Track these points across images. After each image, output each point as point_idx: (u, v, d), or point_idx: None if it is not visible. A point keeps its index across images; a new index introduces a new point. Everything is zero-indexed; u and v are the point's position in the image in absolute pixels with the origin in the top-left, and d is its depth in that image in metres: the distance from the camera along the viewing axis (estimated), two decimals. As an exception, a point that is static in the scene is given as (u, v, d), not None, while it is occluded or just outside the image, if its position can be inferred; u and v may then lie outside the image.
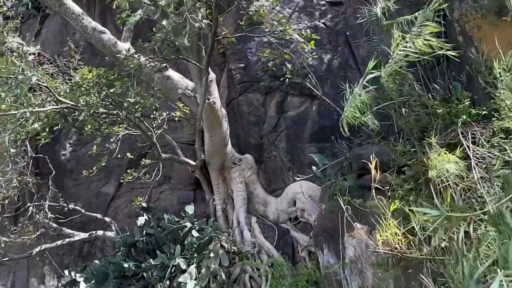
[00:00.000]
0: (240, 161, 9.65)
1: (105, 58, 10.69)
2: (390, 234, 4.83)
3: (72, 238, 9.44)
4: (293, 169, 9.28)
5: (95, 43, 8.80)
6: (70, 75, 9.81)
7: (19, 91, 6.01)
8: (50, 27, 12.42)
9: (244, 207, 9.36)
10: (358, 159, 7.00)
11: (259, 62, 9.63)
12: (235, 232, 9.13)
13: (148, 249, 8.66)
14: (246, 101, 9.76)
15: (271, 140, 9.55)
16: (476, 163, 5.07)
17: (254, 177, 9.73)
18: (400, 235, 4.84)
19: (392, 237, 4.84)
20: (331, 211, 6.98)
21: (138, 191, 10.84)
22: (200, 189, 10.82)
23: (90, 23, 8.76)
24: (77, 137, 10.70)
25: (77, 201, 10.33)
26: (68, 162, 10.70)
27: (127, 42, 9.20)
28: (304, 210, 8.60)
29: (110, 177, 10.86)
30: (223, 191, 9.74)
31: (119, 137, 9.37)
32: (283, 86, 9.44)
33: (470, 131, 5.68)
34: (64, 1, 8.70)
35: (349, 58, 9.60)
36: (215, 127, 8.88)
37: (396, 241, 4.83)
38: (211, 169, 9.77)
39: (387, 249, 4.93)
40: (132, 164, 10.63)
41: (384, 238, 4.87)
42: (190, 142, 10.95)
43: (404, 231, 4.90)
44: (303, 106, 9.47)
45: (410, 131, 6.84)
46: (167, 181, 11.08)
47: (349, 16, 10.02)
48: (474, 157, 5.20)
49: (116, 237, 9.45)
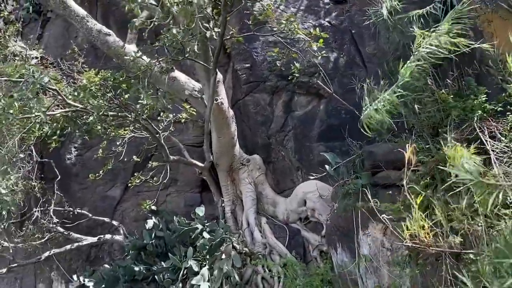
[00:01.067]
0: (248, 161, 9.59)
1: (109, 61, 10.65)
2: (418, 227, 4.77)
3: (80, 243, 9.35)
4: (301, 168, 9.23)
5: (101, 46, 8.76)
6: (74, 78, 9.75)
7: (30, 94, 5.95)
8: (51, 30, 12.34)
9: (253, 208, 9.30)
10: (370, 157, 6.96)
11: (265, 62, 9.59)
12: (245, 233, 9.06)
13: (157, 252, 8.60)
14: (252, 101, 9.71)
15: (279, 140, 9.50)
16: (496, 158, 5.02)
17: (263, 178, 9.67)
18: (427, 228, 4.78)
19: (419, 230, 4.77)
20: (345, 209, 6.94)
21: (144, 194, 10.73)
22: (207, 191, 10.74)
23: (95, 26, 8.73)
24: (82, 141, 10.59)
25: (83, 205, 10.23)
26: (73, 166, 10.59)
27: (133, 44, 9.16)
28: (315, 210, 8.56)
29: (116, 180, 10.75)
30: (231, 192, 9.68)
31: (125, 139, 9.29)
32: (290, 85, 9.40)
33: (487, 126, 5.63)
34: (68, 3, 8.68)
35: (356, 56, 9.57)
36: (223, 128, 8.82)
37: (423, 234, 4.77)
38: (219, 171, 9.71)
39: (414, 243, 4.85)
40: (138, 167, 10.54)
41: (412, 231, 4.79)
42: (195, 144, 10.89)
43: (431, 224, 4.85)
44: (310, 105, 9.44)
45: (423, 127, 6.80)
46: (173, 184, 10.98)
47: (354, 14, 10.00)
48: (493, 152, 5.15)
49: (124, 240, 9.37)
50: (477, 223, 4.63)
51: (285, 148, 9.46)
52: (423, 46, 6.09)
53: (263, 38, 9.67)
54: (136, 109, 7.51)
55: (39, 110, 6.08)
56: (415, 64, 6.29)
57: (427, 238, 4.71)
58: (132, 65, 8.27)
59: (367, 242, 6.72)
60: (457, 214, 4.80)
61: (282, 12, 9.94)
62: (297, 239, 8.85)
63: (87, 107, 7.11)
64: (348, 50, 9.60)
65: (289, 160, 9.43)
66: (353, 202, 6.72)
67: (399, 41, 7.75)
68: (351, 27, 9.84)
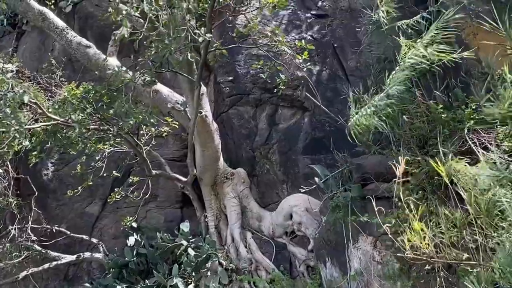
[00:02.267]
0: (232, 175, 9.44)
1: (86, 74, 10.44)
2: (418, 239, 4.71)
3: (59, 261, 9.03)
4: (287, 182, 9.15)
5: (81, 58, 8.56)
6: (52, 92, 9.50)
7: (8, 110, 5.70)
8: (27, 44, 12.08)
9: (238, 223, 9.13)
10: (359, 170, 6.91)
11: (248, 75, 9.53)
12: (230, 249, 8.87)
13: (139, 269, 8.37)
14: (236, 114, 9.63)
15: (263, 153, 9.41)
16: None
17: (247, 192, 9.52)
18: (429, 239, 4.71)
19: (420, 241, 4.71)
20: (334, 223, 6.85)
21: (123, 210, 10.48)
22: (188, 207, 10.55)
23: (75, 38, 8.54)
24: (59, 156, 10.30)
25: (60, 223, 9.92)
26: (50, 182, 10.29)
27: (114, 56, 8.99)
28: (301, 224, 8.44)
29: (94, 196, 10.47)
30: (215, 207, 9.49)
31: (104, 154, 9.06)
32: (274, 98, 9.36)
33: (477, 137, 5.64)
34: (47, 15, 8.48)
35: (338, 70, 9.58)
36: (207, 141, 8.68)
37: (424, 245, 4.70)
38: (202, 185, 9.52)
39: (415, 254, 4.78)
40: (117, 182, 10.31)
41: (413, 241, 4.73)
42: (175, 159, 10.73)
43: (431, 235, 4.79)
44: (294, 118, 9.39)
45: (411, 139, 6.78)
46: (153, 200, 10.74)
47: (336, 28, 10.04)
48: (486, 163, 5.15)
49: (104, 258, 9.10)
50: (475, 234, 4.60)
51: (270, 161, 9.36)
52: (409, 56, 6.12)
53: (246, 51, 9.63)
54: (118, 123, 7.33)
55: (19, 124, 5.84)
56: (402, 74, 6.32)
57: (428, 250, 4.64)
58: (114, 78, 8.12)
59: (357, 256, 6.63)
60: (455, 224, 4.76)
61: (264, 25, 9.90)
62: (284, 254, 8.70)
63: (68, 120, 6.89)
64: (331, 63, 9.61)
65: (274, 173, 9.32)
66: (343, 215, 6.64)
67: (383, 52, 7.80)
68: (333, 40, 9.86)
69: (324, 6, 10.47)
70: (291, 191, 9.01)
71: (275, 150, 9.34)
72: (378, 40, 7.95)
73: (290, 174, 9.12)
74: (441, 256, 4.69)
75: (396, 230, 5.94)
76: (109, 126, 7.20)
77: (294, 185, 9.02)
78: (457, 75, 6.93)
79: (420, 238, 4.68)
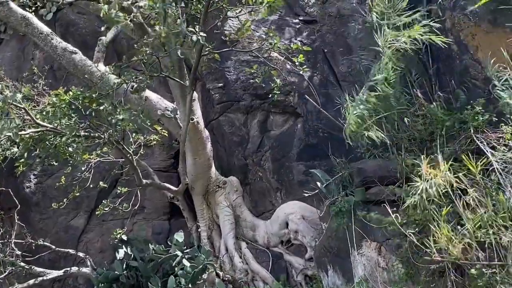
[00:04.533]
0: (224, 184, 9.21)
1: (69, 82, 10.14)
2: (446, 240, 4.54)
3: (44, 277, 8.59)
4: (281, 189, 8.96)
5: (66, 64, 8.26)
6: (35, 100, 9.13)
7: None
8: (6, 52, 11.65)
9: (232, 233, 8.88)
10: (360, 174, 6.78)
11: (238, 81, 9.36)
12: (224, 260, 8.60)
13: (130, 283, 8.03)
14: (227, 121, 9.45)
15: (256, 161, 9.22)
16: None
17: (240, 200, 9.30)
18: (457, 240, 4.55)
19: (447, 243, 4.54)
20: (337, 228, 6.67)
21: (110, 223, 10.15)
22: (176, 218, 10.31)
23: (60, 43, 8.23)
24: (42, 168, 9.91)
25: (45, 237, 9.44)
26: (33, 194, 9.87)
27: (100, 62, 8.71)
28: (298, 232, 8.25)
29: (79, 209, 10.11)
30: (207, 217, 9.23)
31: (91, 165, 8.73)
32: (265, 104, 9.21)
33: (485, 137, 5.56)
34: (31, 20, 8.16)
35: (329, 75, 9.46)
36: (198, 149, 8.44)
37: (451, 247, 4.53)
38: (194, 194, 9.25)
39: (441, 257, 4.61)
40: (102, 194, 9.98)
41: (441, 243, 4.55)
42: (162, 169, 10.46)
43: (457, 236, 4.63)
44: (287, 124, 9.23)
45: (411, 142, 6.68)
46: (140, 211, 10.40)
47: (325, 34, 9.94)
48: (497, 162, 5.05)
49: (92, 273, 8.70)
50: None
51: (262, 168, 9.17)
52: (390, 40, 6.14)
53: (235, 57, 9.49)
54: (107, 129, 7.04)
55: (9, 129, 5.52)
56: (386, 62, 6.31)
57: (456, 251, 4.47)
58: (102, 84, 7.84)
59: (361, 262, 6.46)
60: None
61: (253, 31, 9.76)
62: (280, 263, 8.48)
63: (57, 127, 6.57)
64: (322, 69, 9.49)
65: (267, 181, 9.13)
66: (347, 220, 6.47)
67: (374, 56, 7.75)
68: (323, 46, 9.75)
69: (312, 12, 10.37)
70: (286, 199, 8.84)
71: (268, 157, 9.16)
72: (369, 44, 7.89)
73: (284, 181, 8.94)
74: (470, 257, 4.52)
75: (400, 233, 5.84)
76: (99, 133, 6.89)
77: (288, 192, 8.85)
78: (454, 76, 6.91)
79: (447, 239, 4.50)
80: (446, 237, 4.54)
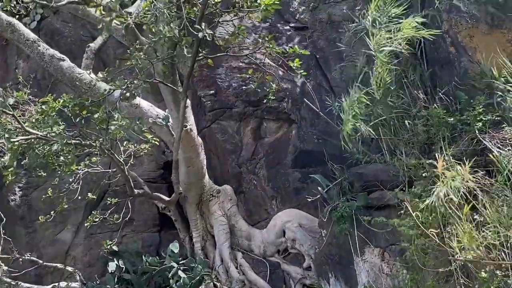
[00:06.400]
0: (218, 192, 9.00)
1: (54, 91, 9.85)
2: (469, 240, 4.39)
3: (32, 293, 8.26)
4: (276, 197, 8.79)
5: (54, 72, 8.10)
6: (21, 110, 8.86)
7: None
8: (-12, 62, 11.37)
9: (227, 243, 8.65)
10: (360, 179, 6.65)
11: (230, 88, 9.20)
12: (220, 271, 8.36)
13: (122, 297, 7.75)
14: (219, 129, 9.28)
15: (250, 169, 9.05)
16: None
17: (235, 209, 9.09)
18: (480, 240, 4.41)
19: (471, 243, 4.39)
20: (338, 235, 6.50)
21: (98, 236, 9.87)
22: (166, 230, 10.06)
23: (47, 50, 8.04)
24: (27, 180, 9.62)
25: (31, 251, 9.09)
26: (18, 208, 9.56)
27: (89, 70, 8.49)
28: (295, 240, 8.07)
29: (66, 222, 9.80)
30: (201, 227, 8.99)
31: (79, 176, 8.46)
32: (258, 111, 9.08)
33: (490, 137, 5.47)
34: (16, 26, 7.96)
35: (322, 81, 9.37)
36: (192, 157, 8.24)
37: (476, 247, 4.38)
38: (187, 204, 9.02)
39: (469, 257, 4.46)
40: (90, 206, 9.70)
41: (465, 243, 4.40)
42: (151, 180, 10.20)
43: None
44: (280, 131, 9.09)
45: (412, 145, 6.58)
46: (129, 224, 10.11)
47: (317, 40, 9.86)
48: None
49: (81, 287, 8.39)
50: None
51: (257, 176, 9.00)
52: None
53: (226, 64, 9.34)
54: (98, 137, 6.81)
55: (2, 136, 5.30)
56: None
57: (481, 252, 4.32)
58: (91, 91, 7.64)
59: (365, 269, 6.30)
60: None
61: (244, 38, 9.64)
62: (278, 273, 8.28)
63: (48, 135, 6.33)
64: (315, 75, 9.38)
65: (262, 189, 8.95)
66: (349, 226, 6.32)
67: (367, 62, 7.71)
68: (315, 52, 9.66)
69: (303, 19, 10.27)
70: (281, 207, 8.67)
71: (262, 164, 9.00)
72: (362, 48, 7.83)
73: (280, 189, 8.77)
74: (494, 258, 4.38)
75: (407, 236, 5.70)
76: (91, 142, 6.65)
77: (284, 200, 8.68)
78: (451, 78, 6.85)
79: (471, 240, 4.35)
80: (469, 236, 4.39)
